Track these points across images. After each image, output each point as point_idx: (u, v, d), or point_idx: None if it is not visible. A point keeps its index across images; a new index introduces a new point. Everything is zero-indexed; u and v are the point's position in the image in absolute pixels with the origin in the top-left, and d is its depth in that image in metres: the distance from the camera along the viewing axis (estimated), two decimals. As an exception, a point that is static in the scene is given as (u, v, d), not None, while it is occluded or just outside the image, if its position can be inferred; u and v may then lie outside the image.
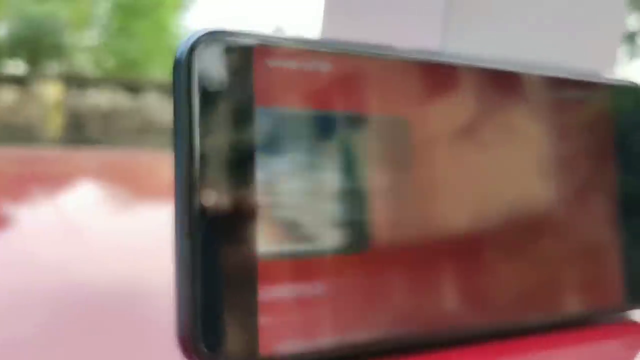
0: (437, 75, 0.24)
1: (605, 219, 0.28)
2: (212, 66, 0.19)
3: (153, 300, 0.28)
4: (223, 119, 0.19)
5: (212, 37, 0.19)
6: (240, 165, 0.19)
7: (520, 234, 0.25)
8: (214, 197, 0.19)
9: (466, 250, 0.23)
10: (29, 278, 0.30)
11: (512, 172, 0.25)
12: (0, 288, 0.29)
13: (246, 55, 0.19)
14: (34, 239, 0.40)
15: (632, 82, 0.29)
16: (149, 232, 0.44)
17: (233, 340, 0.19)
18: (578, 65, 0.30)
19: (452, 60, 0.24)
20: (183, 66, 0.19)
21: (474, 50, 0.27)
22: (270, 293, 0.20)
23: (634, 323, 0.29)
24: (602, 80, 0.28)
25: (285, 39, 0.21)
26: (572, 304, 0.26)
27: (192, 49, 0.19)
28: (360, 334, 0.21)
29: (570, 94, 0.27)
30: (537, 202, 0.25)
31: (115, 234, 0.43)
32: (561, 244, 0.26)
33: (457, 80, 0.24)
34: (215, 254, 0.19)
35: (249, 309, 0.19)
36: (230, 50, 0.19)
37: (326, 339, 0.21)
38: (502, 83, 0.25)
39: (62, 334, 0.23)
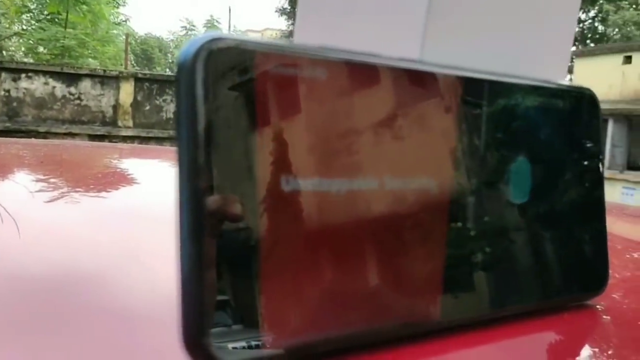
0: (417, 81, 0.25)
1: (565, 213, 0.29)
2: (213, 69, 0.19)
3: (88, 287, 0.29)
4: (226, 121, 0.19)
5: (214, 43, 0.19)
6: (244, 166, 0.20)
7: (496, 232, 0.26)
8: (218, 199, 0.19)
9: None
10: None
11: (483, 170, 0.26)
12: None
13: (247, 60, 0.20)
14: None
15: (586, 88, 0.31)
16: (83, 221, 0.43)
17: (237, 336, 0.19)
18: (539, 71, 0.30)
19: (429, 68, 0.25)
20: (187, 69, 0.19)
21: (450, 59, 0.27)
22: (274, 288, 0.20)
23: (591, 307, 0.30)
24: (559, 86, 0.30)
25: (284, 47, 0.22)
26: (532, 294, 0.28)
27: (196, 53, 0.19)
28: (359, 326, 0.22)
29: (532, 98, 0.28)
30: (502, 201, 0.27)
31: (49, 222, 0.42)
32: (526, 240, 0.28)
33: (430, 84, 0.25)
34: (218, 255, 0.19)
35: (253, 305, 0.20)
36: (230, 54, 0.20)
37: (328, 332, 0.22)
38: (479, 90, 0.27)
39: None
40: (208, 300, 0.19)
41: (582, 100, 0.31)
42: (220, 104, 0.20)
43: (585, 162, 0.30)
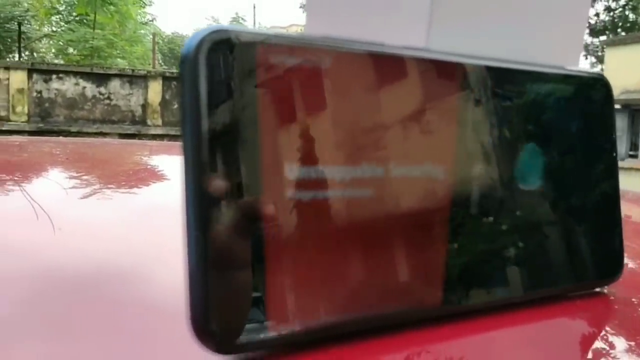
0: (423, 69, 0.25)
1: (580, 200, 0.29)
2: (216, 61, 0.20)
3: (123, 281, 0.29)
4: (228, 109, 0.20)
5: (216, 35, 0.20)
6: (245, 152, 0.20)
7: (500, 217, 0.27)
8: (222, 186, 0.19)
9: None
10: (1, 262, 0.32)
11: (495, 157, 0.27)
12: None
13: (248, 51, 0.20)
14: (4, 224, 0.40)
15: (599, 74, 0.31)
16: (118, 217, 0.44)
17: (242, 321, 0.20)
18: (551, 58, 0.30)
19: (435, 56, 0.26)
20: (190, 61, 0.20)
21: (457, 47, 0.27)
22: (277, 275, 0.21)
23: (604, 295, 0.31)
24: (571, 72, 0.30)
25: (284, 37, 0.22)
26: (547, 281, 0.28)
27: (199, 46, 0.20)
28: (364, 310, 0.23)
29: (544, 86, 0.28)
30: (517, 183, 0.27)
31: (85, 219, 0.43)
32: (538, 227, 0.28)
33: (440, 72, 0.25)
34: (224, 243, 0.19)
35: (257, 291, 0.20)
36: (233, 46, 0.20)
37: (331, 317, 0.22)
38: (487, 77, 0.27)
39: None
40: (214, 290, 0.20)
41: (595, 87, 0.31)
42: (222, 94, 0.20)
43: (599, 149, 0.30)
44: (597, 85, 0.31)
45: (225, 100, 0.20)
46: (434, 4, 0.28)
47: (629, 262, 0.36)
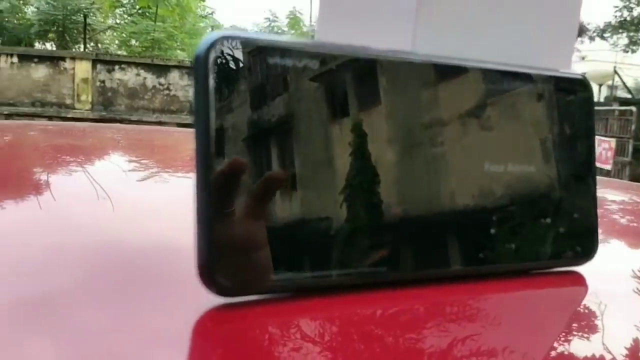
0: (410, 72, 0.28)
1: (554, 187, 0.32)
2: (224, 62, 0.24)
3: (177, 255, 0.32)
4: (234, 103, 0.24)
5: (225, 39, 0.24)
6: (246, 138, 0.24)
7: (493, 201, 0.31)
8: (223, 162, 0.24)
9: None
10: (66, 237, 0.34)
11: (482, 151, 0.30)
12: (41, 246, 0.32)
13: (251, 54, 0.24)
14: (69, 203, 0.43)
15: (579, 74, 0.34)
16: (171, 198, 0.47)
17: (243, 270, 0.24)
18: (539, 60, 0.33)
19: (426, 59, 0.29)
20: (202, 62, 0.23)
21: (443, 50, 0.30)
22: (275, 230, 0.25)
23: (576, 273, 0.34)
24: (555, 74, 0.33)
25: (283, 41, 0.26)
26: (520, 257, 0.31)
27: (209, 48, 0.24)
28: (360, 266, 0.27)
29: (525, 86, 0.32)
30: (505, 172, 0.31)
31: (142, 199, 0.46)
32: (521, 209, 0.31)
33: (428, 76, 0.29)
34: (225, 203, 0.24)
35: (256, 244, 0.24)
36: (240, 49, 0.24)
37: (324, 270, 0.26)
38: (471, 78, 0.30)
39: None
40: (216, 241, 0.24)
41: (576, 86, 0.34)
42: (228, 92, 0.24)
43: (579, 141, 0.34)
44: (578, 83, 0.34)
45: (229, 95, 0.24)
46: (420, 10, 0.31)
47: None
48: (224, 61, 0.24)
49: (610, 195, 0.71)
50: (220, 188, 0.24)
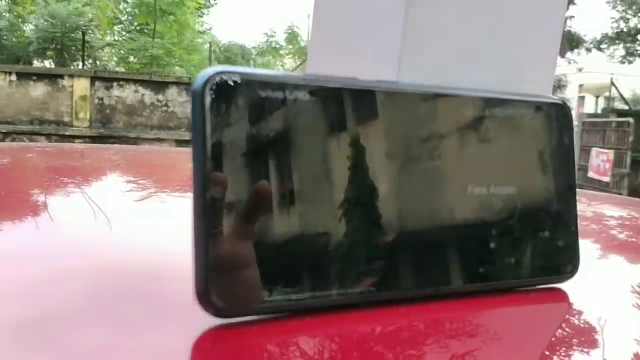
0: (395, 102, 0.30)
1: (536, 207, 0.34)
2: (220, 95, 0.26)
3: (176, 275, 0.32)
4: (228, 135, 0.26)
5: (220, 75, 0.26)
6: (240, 167, 0.26)
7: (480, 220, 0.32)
8: (220, 189, 0.25)
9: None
10: (64, 257, 0.35)
11: (466, 174, 0.32)
12: (40, 266, 0.33)
13: (244, 87, 0.26)
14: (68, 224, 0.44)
15: (561, 100, 0.36)
16: (169, 218, 0.48)
17: (239, 293, 0.25)
18: (520, 85, 0.35)
19: (409, 89, 0.31)
20: (198, 95, 0.26)
21: (427, 80, 0.32)
22: (267, 253, 0.26)
23: (559, 290, 0.34)
24: (536, 99, 0.35)
25: (274, 75, 0.28)
26: (509, 274, 0.33)
27: (205, 84, 0.26)
28: (357, 286, 0.28)
29: (507, 111, 0.33)
30: (486, 194, 0.32)
31: (139, 219, 0.47)
32: (498, 226, 0.33)
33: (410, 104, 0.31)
34: (222, 231, 0.25)
35: (251, 269, 0.26)
36: (233, 83, 0.26)
37: (317, 291, 0.27)
38: (453, 106, 0.32)
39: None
40: (213, 265, 0.25)
41: (556, 110, 0.35)
42: (224, 124, 0.26)
43: (560, 162, 0.35)
44: (559, 108, 0.35)
45: (224, 126, 0.26)
46: (405, 43, 0.32)
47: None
48: (219, 96, 0.26)
49: (609, 211, 0.71)
50: (214, 213, 0.25)
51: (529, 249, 0.33)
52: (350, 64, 0.35)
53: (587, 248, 0.46)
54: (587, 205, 0.71)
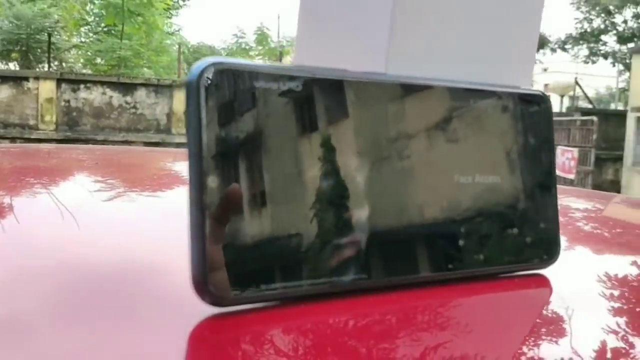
0: (384, 92, 0.31)
1: (517, 195, 0.35)
2: (215, 86, 0.26)
3: (139, 273, 0.33)
4: (224, 126, 0.26)
5: (215, 65, 0.26)
6: (235, 157, 0.26)
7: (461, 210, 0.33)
8: (216, 180, 0.26)
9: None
10: (30, 258, 0.35)
11: (451, 163, 0.32)
12: (6, 267, 0.33)
13: (238, 77, 0.27)
14: (33, 224, 0.43)
15: (540, 91, 0.37)
16: (137, 217, 0.48)
17: (231, 281, 0.26)
18: (501, 78, 0.35)
19: (397, 80, 0.32)
20: (194, 86, 0.26)
21: (413, 72, 0.33)
22: (261, 244, 0.27)
23: (540, 276, 0.35)
24: (517, 90, 0.35)
25: (267, 66, 0.28)
26: (491, 261, 0.33)
27: (201, 74, 0.26)
28: (348, 274, 0.29)
29: (489, 102, 0.34)
30: (469, 184, 0.33)
31: (108, 219, 0.46)
32: (485, 217, 0.33)
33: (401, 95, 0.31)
34: (217, 219, 0.25)
35: (244, 257, 0.26)
36: (228, 74, 0.26)
37: (307, 280, 0.28)
38: (439, 96, 0.33)
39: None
40: (210, 254, 0.25)
41: (536, 101, 0.36)
42: (218, 114, 0.26)
43: (540, 152, 0.36)
44: (539, 99, 0.36)
45: (219, 117, 0.26)
46: (393, 34, 0.33)
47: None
48: (215, 87, 0.26)
49: (574, 203, 0.73)
50: (212, 203, 0.26)
51: (512, 236, 0.34)
52: (337, 56, 0.36)
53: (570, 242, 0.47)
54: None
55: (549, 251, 0.36)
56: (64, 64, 13.57)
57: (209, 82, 0.26)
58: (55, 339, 0.24)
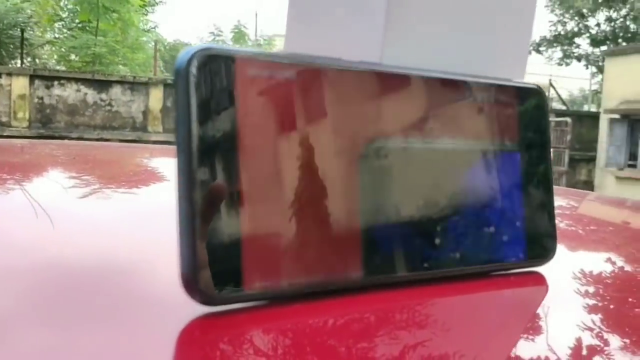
0: (380, 82, 0.30)
1: (513, 191, 0.34)
2: (204, 73, 0.25)
3: (120, 273, 0.32)
4: (214, 114, 0.25)
5: (205, 51, 0.25)
6: (226, 149, 0.25)
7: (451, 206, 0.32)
8: (205, 177, 0.24)
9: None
10: (2, 257, 0.33)
11: (447, 157, 0.32)
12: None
13: (230, 65, 0.25)
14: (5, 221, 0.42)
15: (534, 84, 0.36)
16: (114, 215, 0.46)
17: (222, 279, 0.25)
18: (494, 71, 0.35)
19: (392, 70, 0.31)
20: (182, 74, 0.24)
21: (409, 62, 0.32)
22: (252, 242, 0.25)
23: (537, 273, 0.35)
24: (512, 83, 0.35)
25: (260, 54, 0.27)
26: (481, 259, 0.33)
27: (190, 60, 0.24)
28: (335, 273, 0.28)
29: (484, 94, 0.33)
30: (461, 177, 0.32)
31: (82, 216, 0.45)
32: (480, 213, 0.33)
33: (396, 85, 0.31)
34: (206, 215, 0.24)
35: (235, 256, 0.25)
36: (217, 61, 0.25)
37: (300, 278, 0.27)
38: (433, 88, 0.32)
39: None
40: (199, 253, 0.24)
41: (531, 96, 0.36)
42: (208, 101, 0.25)
43: (535, 147, 0.36)
44: (534, 93, 0.36)
45: (210, 104, 0.25)
46: (388, 23, 0.32)
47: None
48: (203, 73, 0.25)
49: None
50: (202, 200, 0.25)
51: (508, 232, 0.34)
52: (329, 45, 0.35)
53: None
54: None
55: (545, 248, 0.35)
56: (37, 60, 13.36)
57: (198, 69, 0.25)
58: (38, 338, 0.23)
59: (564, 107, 14.43)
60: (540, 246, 0.35)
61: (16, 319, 0.25)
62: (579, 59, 18.05)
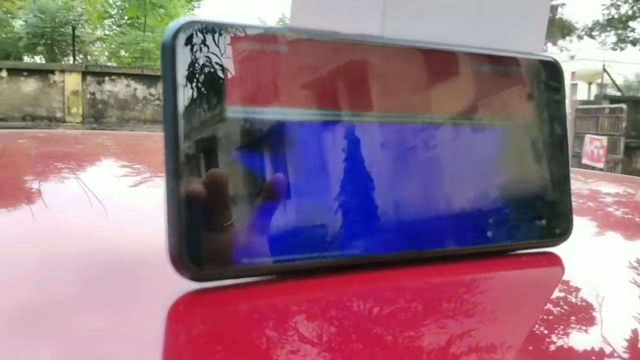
0: (381, 56, 0.29)
1: (528, 167, 0.33)
2: (190, 46, 0.24)
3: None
4: (200, 88, 0.24)
5: (190, 24, 0.24)
6: (214, 125, 0.24)
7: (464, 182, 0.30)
8: (191, 151, 0.24)
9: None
10: (58, 245, 0.33)
11: (459, 132, 0.30)
12: (35, 254, 0.31)
13: (218, 38, 0.24)
14: (61, 211, 0.42)
15: (550, 56, 0.35)
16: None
17: (211, 255, 0.24)
18: (511, 44, 0.33)
19: (394, 43, 0.29)
20: (168, 48, 0.24)
21: (411, 34, 0.30)
22: (239, 219, 0.25)
23: (552, 254, 0.34)
24: (527, 56, 0.33)
25: (250, 26, 0.26)
26: (502, 237, 0.31)
27: (176, 34, 0.24)
28: (334, 249, 0.27)
29: (503, 68, 0.32)
30: (474, 153, 0.31)
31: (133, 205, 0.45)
32: (494, 190, 0.31)
33: (400, 59, 0.29)
34: (194, 193, 0.24)
35: (222, 232, 0.24)
36: (205, 34, 0.24)
37: (288, 255, 0.26)
38: (444, 61, 0.30)
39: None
40: (186, 228, 0.24)
41: (547, 68, 0.34)
42: (195, 74, 0.24)
43: (552, 123, 0.34)
44: (550, 66, 0.34)
45: (198, 78, 0.24)
46: None
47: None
48: (190, 46, 0.24)
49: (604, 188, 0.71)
50: (188, 173, 0.24)
51: (522, 211, 0.32)
52: (333, 18, 0.34)
53: (584, 224, 0.46)
54: (583, 183, 0.71)
55: (560, 228, 0.34)
56: (88, 57, 13.71)
57: (185, 42, 0.24)
58: (47, 322, 0.23)
59: (618, 93, 13.97)
60: (557, 226, 0.34)
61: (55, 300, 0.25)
62: (634, 43, 17.41)
